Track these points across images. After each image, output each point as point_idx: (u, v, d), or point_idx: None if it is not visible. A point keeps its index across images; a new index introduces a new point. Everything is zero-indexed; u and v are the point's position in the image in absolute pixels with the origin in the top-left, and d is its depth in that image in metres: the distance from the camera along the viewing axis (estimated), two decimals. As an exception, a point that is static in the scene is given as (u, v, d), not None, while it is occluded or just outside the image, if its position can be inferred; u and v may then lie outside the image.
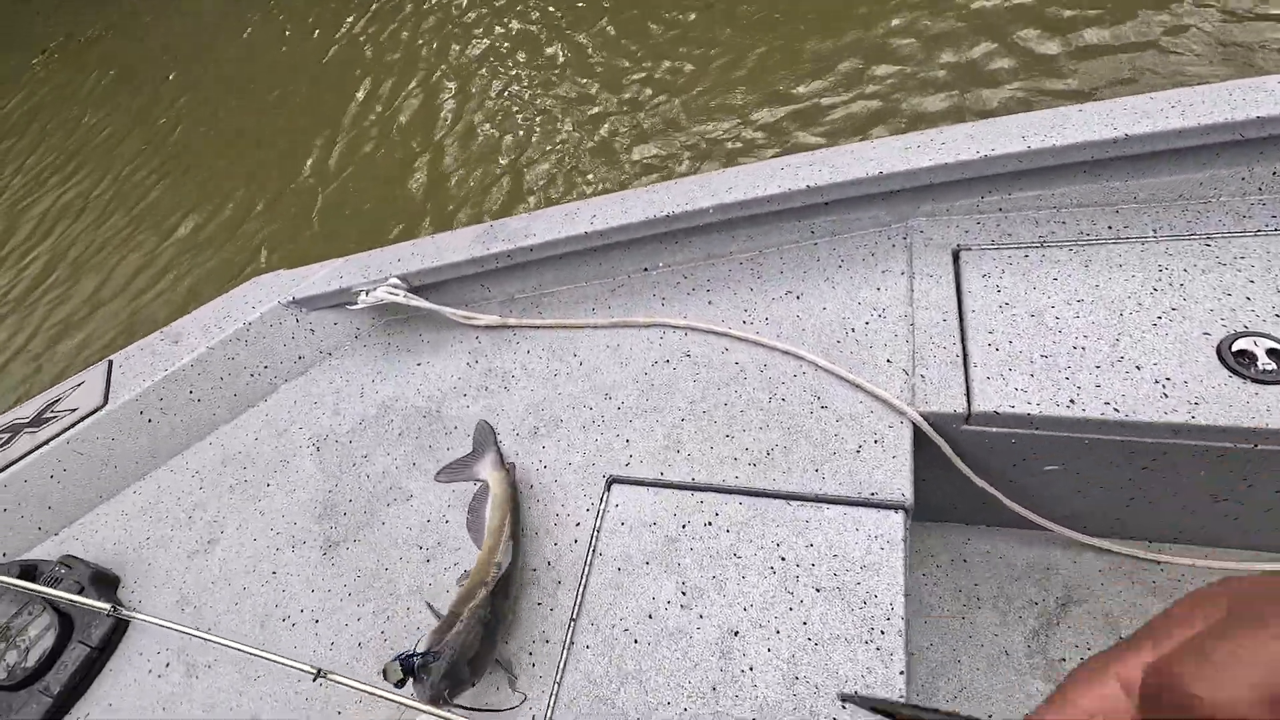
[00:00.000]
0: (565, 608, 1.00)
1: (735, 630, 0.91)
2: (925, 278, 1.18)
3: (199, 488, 1.35)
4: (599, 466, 1.13)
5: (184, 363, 1.41)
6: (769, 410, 1.11)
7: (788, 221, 1.30)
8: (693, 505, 1.04)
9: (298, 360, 1.47)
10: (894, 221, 1.27)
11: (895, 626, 0.87)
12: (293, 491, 1.28)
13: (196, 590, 1.20)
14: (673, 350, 1.24)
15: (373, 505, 1.20)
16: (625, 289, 1.37)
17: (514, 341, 1.37)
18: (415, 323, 1.49)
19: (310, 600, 1.12)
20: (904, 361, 1.09)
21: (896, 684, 0.83)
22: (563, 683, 0.93)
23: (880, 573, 0.91)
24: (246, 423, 1.43)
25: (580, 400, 1.22)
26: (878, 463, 1.00)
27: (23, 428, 1.41)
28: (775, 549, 0.97)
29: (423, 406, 1.32)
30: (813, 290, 1.24)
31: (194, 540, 1.27)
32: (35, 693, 1.11)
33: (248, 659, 1.09)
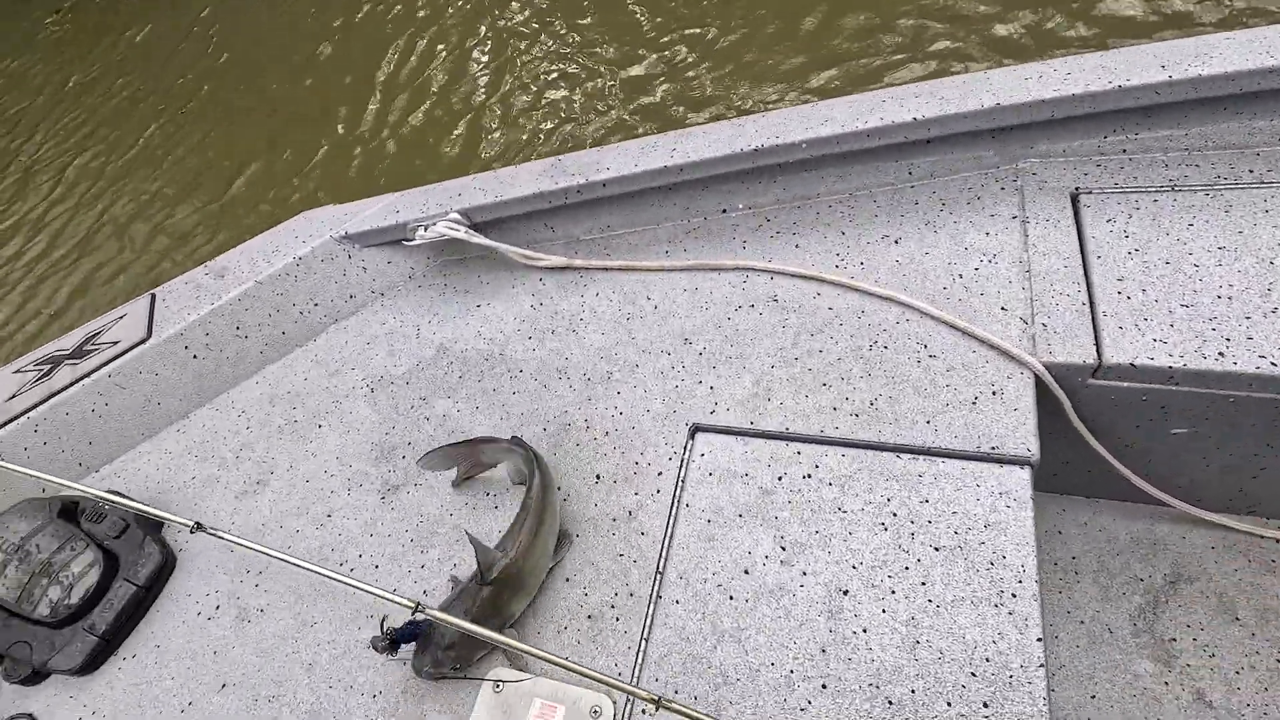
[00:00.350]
0: (649, 560, 0.92)
1: (844, 589, 0.83)
2: (1041, 222, 1.08)
3: (246, 427, 1.28)
4: (680, 414, 1.04)
5: (230, 297, 1.33)
6: (869, 359, 1.02)
7: (884, 161, 1.20)
8: (789, 456, 0.96)
9: (349, 299, 1.39)
10: (1002, 163, 1.17)
11: (1029, 590, 0.78)
12: (346, 433, 1.21)
13: (247, 532, 1.13)
14: (758, 295, 1.15)
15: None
16: (701, 231, 1.28)
17: (580, 284, 1.28)
18: (472, 264, 1.40)
19: (370, 545, 1.05)
20: (1021, 309, 1.00)
21: (1034, 652, 0.74)
22: (651, 638, 0.85)
23: (1008, 532, 0.82)
24: (295, 362, 1.35)
25: (656, 345, 1.14)
26: (996, 415, 0.91)
27: (63, 359, 1.35)
28: (885, 504, 0.88)
29: (484, 349, 1.24)
30: (912, 235, 1.14)
31: (242, 481, 1.21)
32: (80, 630, 1.05)
33: (303, 604, 1.02)
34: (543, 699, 0.84)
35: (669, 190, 1.28)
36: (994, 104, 1.07)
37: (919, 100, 1.12)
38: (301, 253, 1.36)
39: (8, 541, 1.13)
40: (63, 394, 1.29)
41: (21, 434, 1.29)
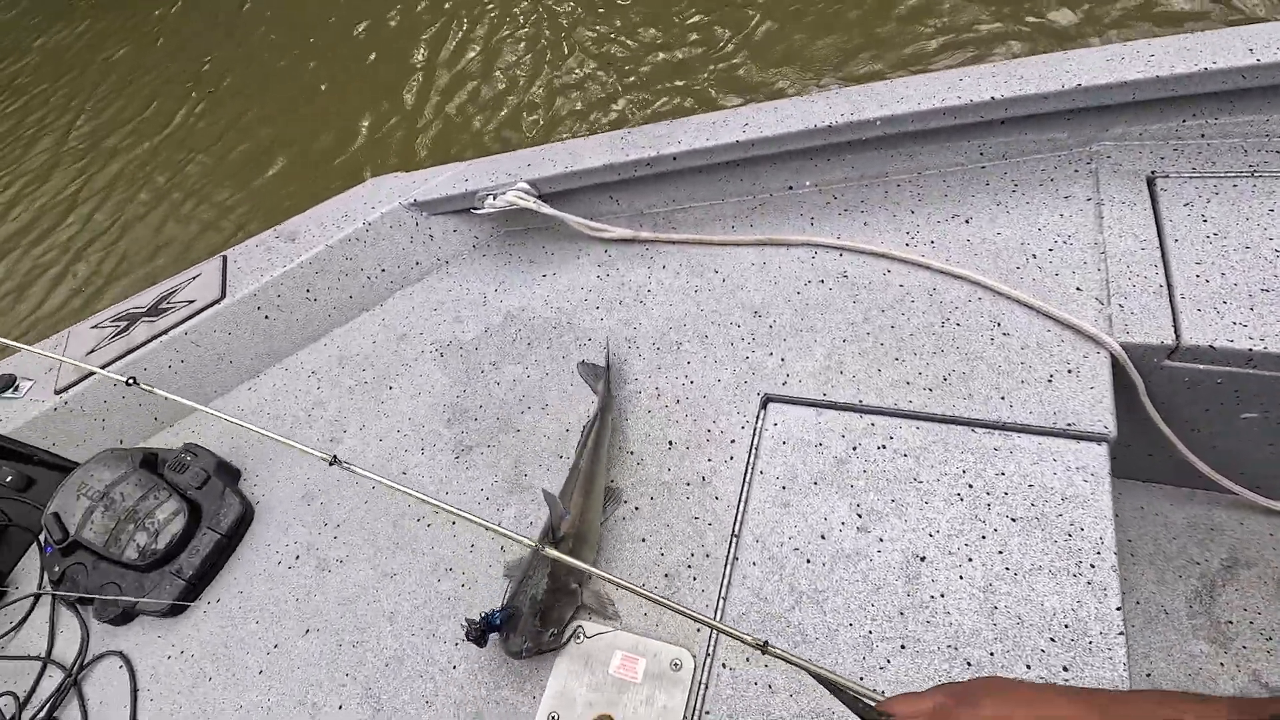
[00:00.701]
0: (724, 523, 0.94)
1: (921, 555, 0.85)
2: (1117, 204, 1.08)
3: (316, 387, 1.32)
4: (752, 384, 1.06)
5: (302, 260, 1.37)
6: (941, 335, 1.03)
7: (956, 141, 1.20)
8: (862, 428, 0.97)
9: (414, 266, 1.42)
10: (1076, 145, 1.17)
11: (1107, 561, 0.80)
12: (417, 395, 1.24)
13: (322, 487, 1.17)
14: (827, 270, 1.16)
15: (506, 412, 1.16)
16: (768, 207, 1.29)
17: (646, 256, 1.30)
18: (537, 234, 1.42)
19: (445, 503, 1.08)
20: (1096, 290, 1.01)
21: (1113, 620, 0.76)
22: (728, 597, 0.88)
23: (1086, 505, 0.84)
24: (362, 325, 1.39)
25: (726, 317, 1.16)
26: (1073, 393, 0.92)
27: (140, 316, 1.39)
28: (961, 476, 0.90)
29: (551, 318, 1.26)
30: (983, 214, 1.14)
31: (315, 438, 1.24)
32: (168, 574, 1.09)
33: (382, 557, 1.06)
34: (624, 651, 0.87)
35: (736, 166, 1.29)
36: (1075, 85, 1.07)
37: (997, 80, 1.12)
38: (371, 218, 1.38)
39: (93, 489, 1.17)
40: (139, 351, 1.33)
41: (100, 388, 1.34)
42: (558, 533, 0.91)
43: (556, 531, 0.90)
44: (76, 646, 1.13)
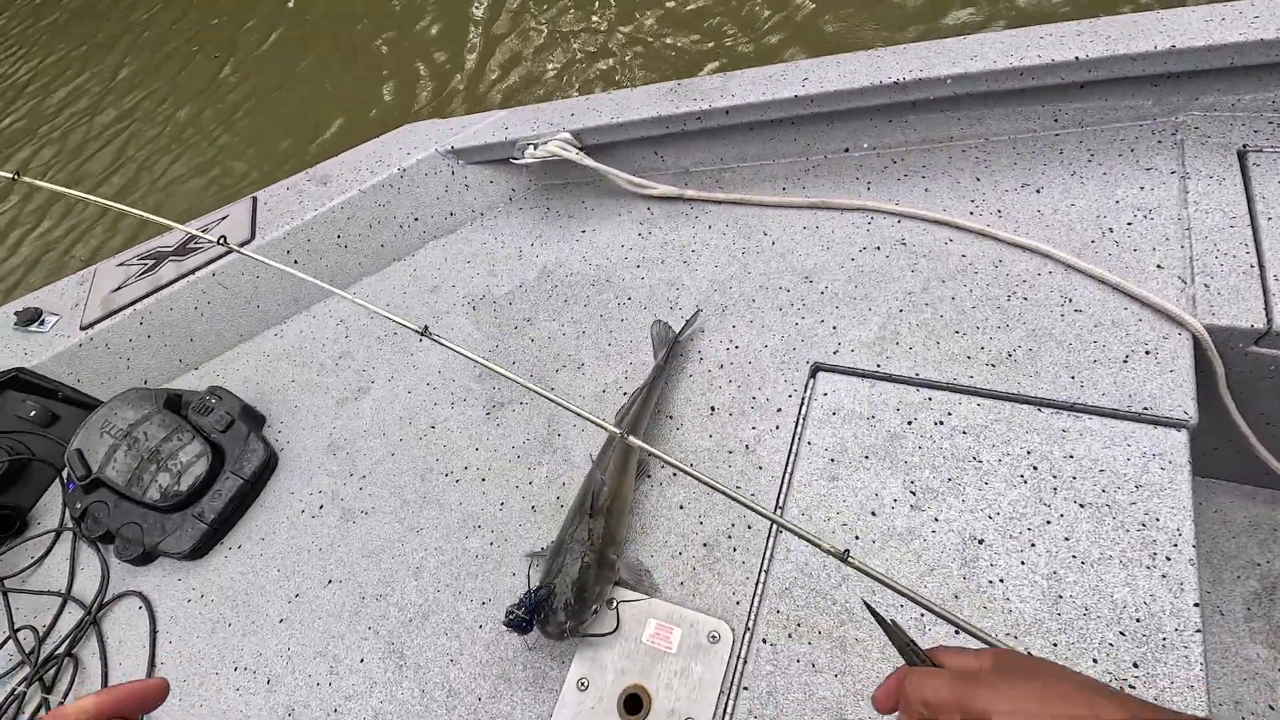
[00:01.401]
0: (768, 493, 0.90)
1: (979, 538, 0.80)
2: (1204, 179, 1.01)
3: (345, 336, 1.28)
4: (800, 352, 1.01)
5: (333, 205, 1.32)
6: (1007, 309, 0.97)
7: (1029, 105, 1.13)
8: (918, 402, 0.92)
9: (448, 216, 1.37)
10: (1160, 115, 1.09)
11: (1185, 555, 0.74)
12: (448, 348, 1.20)
13: (348, 437, 1.14)
14: (884, 237, 1.10)
15: (540, 370, 1.12)
16: (821, 169, 1.22)
17: (691, 215, 1.24)
18: (576, 189, 1.37)
19: (475, 458, 1.05)
20: (1179, 268, 0.94)
21: (1189, 617, 0.71)
22: (771, 570, 0.84)
23: (1161, 494, 0.78)
24: (393, 275, 1.35)
25: (774, 281, 1.10)
26: (1150, 375, 0.86)
27: (167, 256, 1.35)
28: (1025, 457, 0.85)
29: (590, 275, 1.21)
30: (1055, 184, 1.07)
31: (342, 387, 1.21)
32: (189, 517, 1.07)
33: (409, 510, 1.03)
34: (658, 620, 0.83)
35: (791, 124, 1.22)
36: (1168, 46, 0.99)
37: (1082, 38, 1.04)
38: (405, 164, 1.33)
39: (117, 427, 1.15)
40: (167, 289, 1.30)
41: (126, 326, 1.31)
42: (598, 501, 0.86)
43: (597, 500, 0.86)
44: (96, 585, 1.12)
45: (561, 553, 0.85)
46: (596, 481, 0.89)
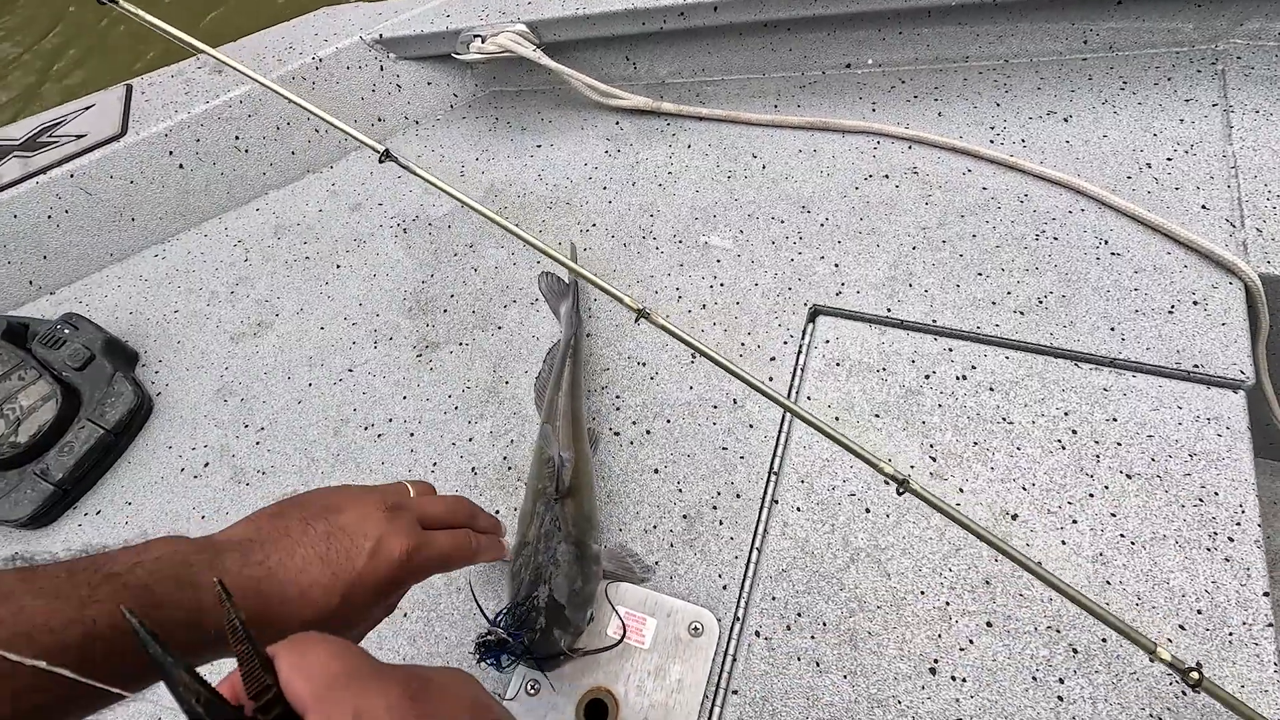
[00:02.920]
0: (760, 457, 0.75)
1: (1012, 513, 0.68)
2: (1249, 113, 0.90)
3: (244, 259, 1.06)
4: (797, 292, 0.86)
5: (229, 98, 1.08)
6: (1035, 250, 0.84)
7: (1056, 22, 0.99)
8: (937, 353, 0.78)
9: (377, 122, 1.15)
10: (1201, 41, 0.97)
11: (1250, 535, 0.64)
12: (372, 277, 0.99)
13: (244, 380, 0.93)
14: (893, 165, 0.95)
15: (485, 305, 0.93)
16: (820, 86, 1.06)
17: (668, 132, 1.06)
18: (532, 97, 1.16)
19: (402, 409, 0.86)
20: (1225, 210, 0.82)
21: (1260, 607, 0.61)
22: (764, 548, 0.69)
23: (1220, 465, 0.67)
24: (307, 189, 1.12)
25: (765, 210, 0.94)
26: (1200, 328, 0.75)
27: (11, 150, 1.08)
28: (1062, 418, 0.72)
29: (546, 196, 1.02)
30: (1085, 113, 0.94)
31: (238, 320, 0.99)
32: (30, 475, 0.85)
33: (317, 469, 0.83)
34: (628, 608, 0.68)
35: (786, 31, 1.05)
36: (1225, -45, 0.86)
37: (1128, -58, 0.90)
38: (323, 54, 1.09)
39: (-63, 361, 0.90)
40: (9, 191, 1.04)
41: (-43, 236, 1.04)
42: (564, 484, 0.68)
43: (562, 482, 0.68)
44: (-89, 558, 0.88)
45: (533, 550, 0.64)
46: (557, 458, 0.70)
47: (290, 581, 0.40)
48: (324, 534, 0.42)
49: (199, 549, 0.39)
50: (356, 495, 0.47)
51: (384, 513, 0.45)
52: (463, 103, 1.18)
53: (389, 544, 0.44)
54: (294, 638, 0.30)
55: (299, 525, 0.43)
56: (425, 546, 0.46)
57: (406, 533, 0.45)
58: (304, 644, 0.29)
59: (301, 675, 0.28)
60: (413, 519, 0.48)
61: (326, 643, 0.30)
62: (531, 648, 0.58)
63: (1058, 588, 0.53)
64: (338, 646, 0.30)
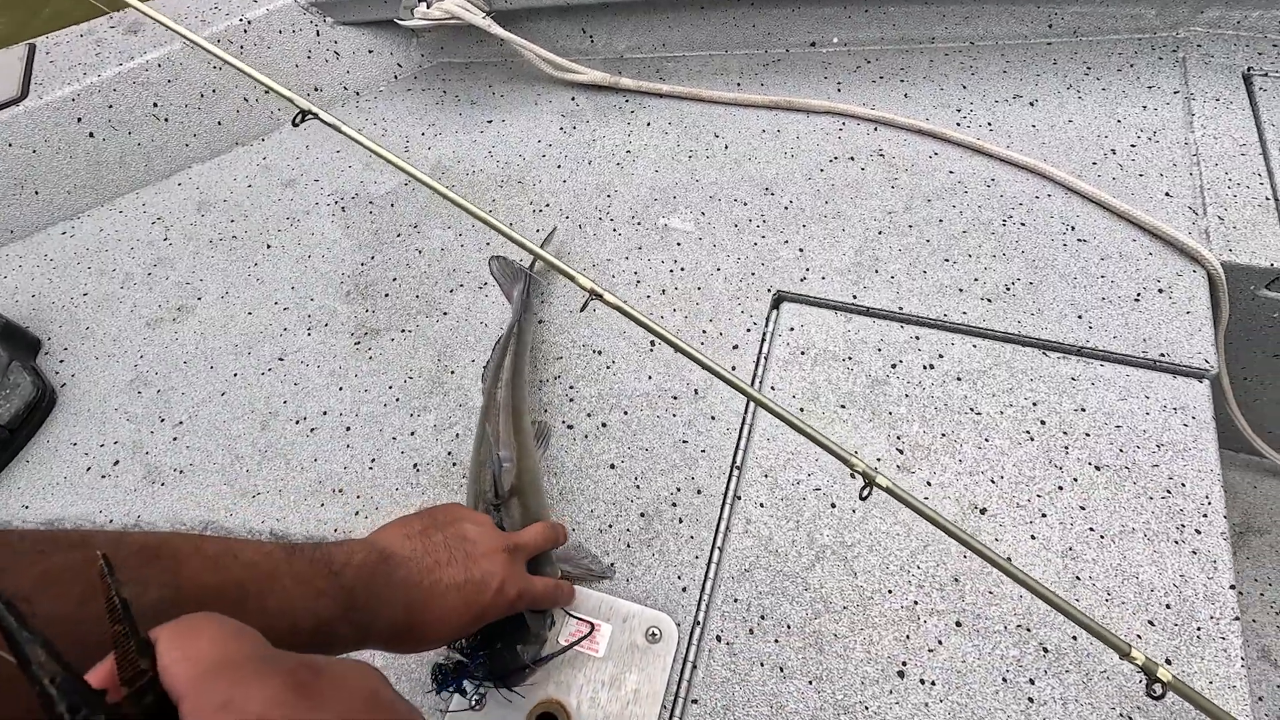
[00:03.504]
0: (722, 451, 0.71)
1: (981, 507, 0.65)
2: (1210, 101, 0.89)
3: (164, 238, 0.97)
4: (761, 277, 0.82)
5: (145, 60, 0.98)
6: (1003, 236, 0.82)
7: (1022, 5, 0.97)
8: (904, 341, 0.76)
9: (313, 92, 1.07)
10: (1162, 28, 0.96)
11: (1216, 527, 0.63)
12: (306, 259, 0.92)
13: (160, 370, 0.85)
14: (858, 146, 0.92)
15: (429, 290, 0.87)
16: (784, 65, 1.02)
17: (626, 109, 1.01)
18: (482, 70, 1.10)
19: (338, 401, 0.79)
20: (1189, 197, 0.82)
21: (1227, 601, 0.59)
22: (726, 547, 0.66)
23: (1187, 456, 0.66)
24: (234, 162, 1.03)
25: (727, 192, 0.90)
26: (1165, 317, 0.74)
27: (-108, 113, 0.97)
28: (1031, 409, 0.70)
29: (497, 174, 0.96)
30: (1050, 98, 0.93)
31: (155, 304, 0.91)
32: (-92, 476, 0.75)
33: (241, 468, 0.76)
34: (581, 613, 0.63)
35: (749, 6, 1.00)
36: (1191, -62, 0.85)
37: (1095, -78, 0.88)
38: (252, 15, 1.01)
39: None
40: (-109, 159, 0.93)
41: None
42: (502, 488, 0.62)
43: (500, 487, 0.62)
44: None
45: None
46: (495, 460, 0.64)
47: (435, 604, 0.45)
48: (463, 565, 0.47)
49: (382, 558, 0.43)
50: (485, 530, 0.51)
51: (505, 554, 0.51)
52: (407, 74, 1.10)
53: (508, 587, 0.49)
54: (181, 619, 0.28)
55: (445, 553, 0.47)
56: (527, 593, 0.51)
57: (520, 578, 0.51)
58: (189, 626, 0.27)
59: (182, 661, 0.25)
60: (523, 561, 0.53)
61: (214, 625, 0.28)
62: (493, 666, 0.53)
63: (1031, 587, 0.50)
64: (226, 630, 0.28)
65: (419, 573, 0.45)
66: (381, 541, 0.46)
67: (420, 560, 0.46)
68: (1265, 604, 0.98)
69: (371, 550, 0.44)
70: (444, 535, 0.48)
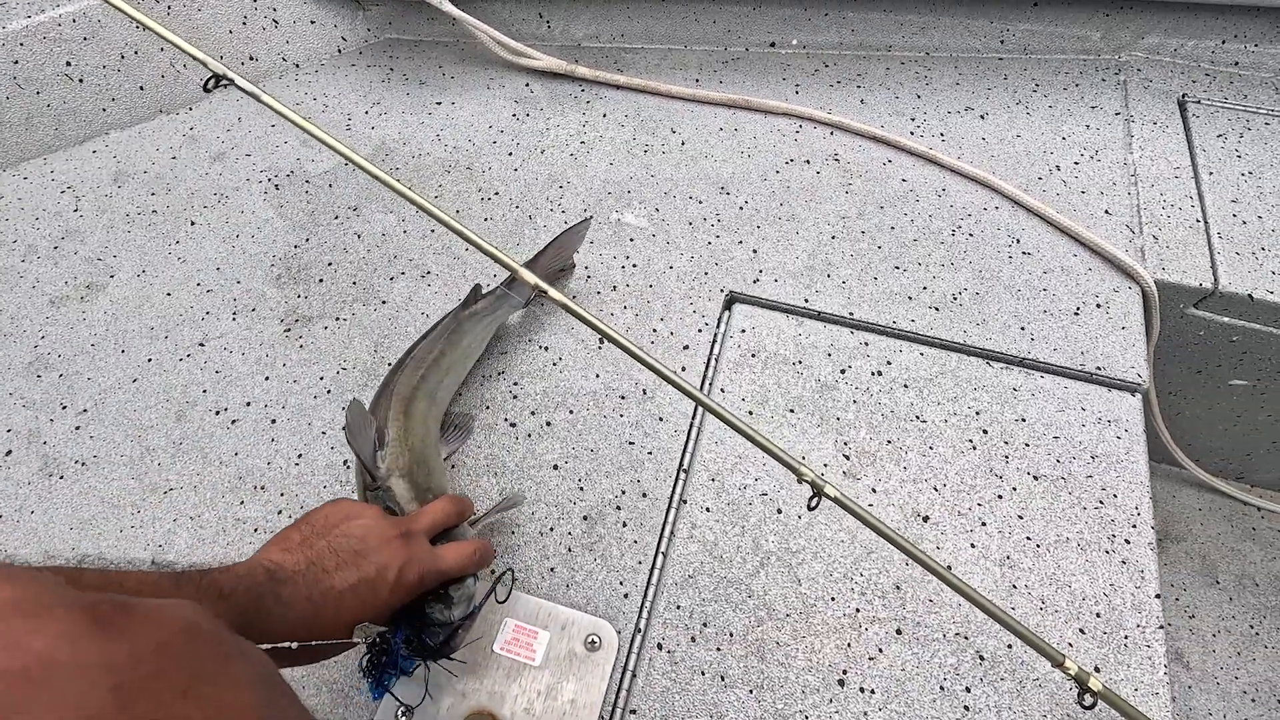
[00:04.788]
0: (669, 453, 0.70)
1: (924, 515, 0.66)
2: (1148, 124, 0.92)
3: (74, 209, 0.89)
4: (714, 277, 0.81)
5: (58, 14, 0.90)
6: (952, 246, 0.83)
7: (976, 19, 0.99)
8: (854, 346, 0.76)
9: (247, 61, 1.00)
10: (1106, 51, 1.00)
11: (1144, 537, 0.64)
12: (234, 239, 0.86)
13: (64, 353, 0.78)
14: (814, 150, 0.92)
15: (368, 277, 0.82)
16: (742, 63, 1.01)
17: (581, 98, 0.98)
18: (433, 49, 1.05)
19: (264, 391, 0.74)
20: (1126, 216, 0.84)
21: (1153, 610, 0.61)
22: (670, 553, 0.64)
23: (1118, 467, 0.68)
24: (158, 132, 0.96)
25: (683, 189, 0.88)
26: (1102, 331, 0.76)
27: None
28: (974, 418, 0.71)
29: (445, 159, 0.92)
30: (1000, 112, 0.95)
31: (61, 281, 0.83)
32: None
33: (150, 462, 0.70)
34: (517, 621, 0.61)
35: (711, 2, 0.99)
36: (1136, -36, 0.88)
37: (1047, -58, 0.90)
38: (182, -27, 0.94)
39: None
40: None
41: None
42: (377, 472, 0.58)
43: (374, 473, 0.58)
44: None
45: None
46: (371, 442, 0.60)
47: (331, 613, 0.44)
48: (353, 566, 0.46)
49: (269, 576, 0.42)
50: (372, 521, 0.50)
51: (400, 539, 0.49)
52: (352, 48, 1.05)
53: (407, 572, 0.48)
54: None
55: (332, 558, 0.46)
56: (432, 570, 0.50)
57: (422, 559, 0.49)
58: None
59: None
60: (423, 540, 0.51)
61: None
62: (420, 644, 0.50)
63: (970, 597, 0.51)
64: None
65: (307, 585, 0.44)
66: (265, 560, 0.44)
67: (306, 572, 0.44)
68: (1180, 608, 1.03)
69: (257, 569, 0.43)
70: (328, 541, 0.47)
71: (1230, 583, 1.05)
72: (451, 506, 0.56)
